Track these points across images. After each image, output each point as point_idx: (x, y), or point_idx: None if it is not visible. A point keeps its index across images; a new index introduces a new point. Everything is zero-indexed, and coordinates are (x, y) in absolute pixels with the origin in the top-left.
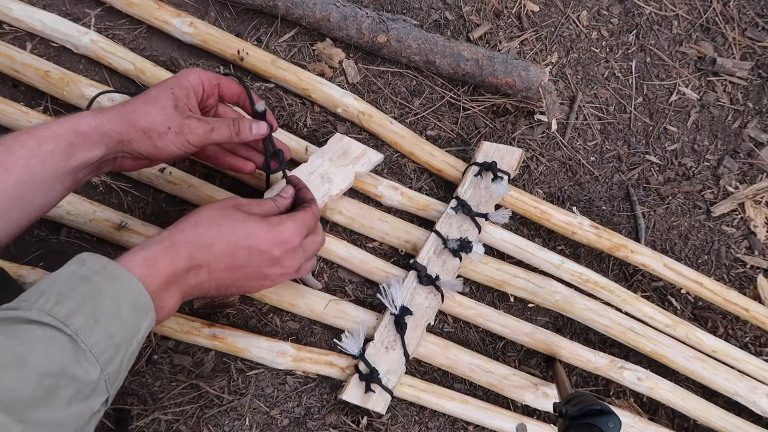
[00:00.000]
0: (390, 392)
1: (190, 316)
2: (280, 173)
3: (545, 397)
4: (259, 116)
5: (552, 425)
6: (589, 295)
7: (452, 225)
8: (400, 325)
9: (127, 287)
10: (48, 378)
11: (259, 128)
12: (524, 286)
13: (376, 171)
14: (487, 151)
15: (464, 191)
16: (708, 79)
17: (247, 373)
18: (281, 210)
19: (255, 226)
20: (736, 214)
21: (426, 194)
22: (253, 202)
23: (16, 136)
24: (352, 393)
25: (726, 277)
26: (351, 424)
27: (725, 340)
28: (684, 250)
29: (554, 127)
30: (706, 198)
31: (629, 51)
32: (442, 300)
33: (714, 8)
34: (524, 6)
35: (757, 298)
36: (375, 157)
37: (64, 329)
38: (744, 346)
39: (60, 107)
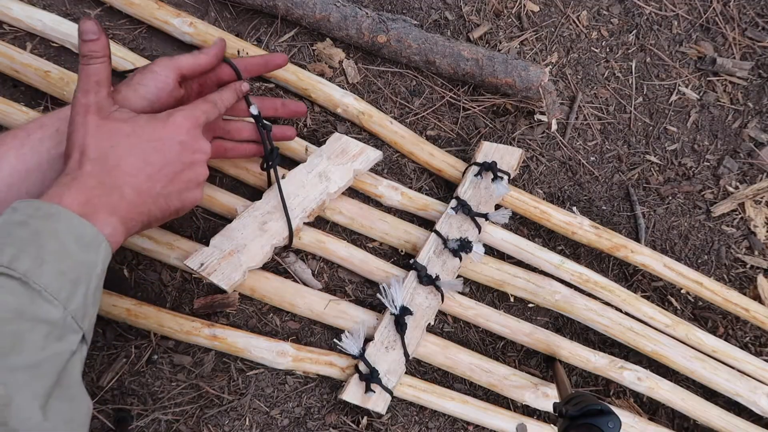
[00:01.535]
0: (390, 392)
1: (190, 316)
2: (281, 172)
3: (545, 397)
4: (255, 118)
5: (552, 425)
6: (589, 295)
7: (452, 225)
8: (400, 325)
9: (68, 224)
10: (8, 325)
11: (218, 44)
12: (524, 286)
13: (376, 171)
14: (487, 151)
15: (464, 191)
16: (708, 79)
17: (247, 373)
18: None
19: (147, 127)
20: (736, 214)
21: (426, 194)
22: (108, 91)
23: (8, 131)
24: (352, 393)
25: (726, 277)
26: (351, 424)
27: (725, 340)
28: (684, 250)
29: (554, 127)
30: (706, 198)
31: (629, 51)
32: (442, 300)
33: (714, 8)
34: (524, 6)
35: (757, 298)
36: (373, 154)
37: (11, 273)
38: (744, 346)
39: (60, 107)
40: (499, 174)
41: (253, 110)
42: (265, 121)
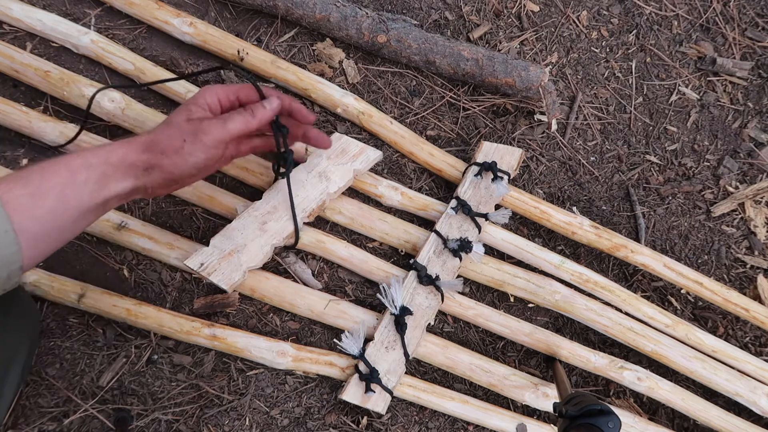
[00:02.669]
0: (390, 392)
1: (190, 316)
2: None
3: (545, 397)
4: (272, 124)
5: (552, 425)
6: (589, 295)
7: (452, 225)
8: (400, 325)
9: None
10: None
11: (271, 103)
12: (524, 286)
13: (376, 171)
14: (487, 151)
15: (464, 191)
16: (708, 79)
17: (247, 373)
18: None
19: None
20: (736, 214)
21: (426, 194)
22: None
23: (53, 162)
24: (352, 393)
25: (726, 277)
26: (351, 424)
27: (725, 340)
28: (684, 250)
29: (554, 127)
30: (706, 198)
31: (629, 51)
32: (442, 300)
33: (714, 8)
34: (524, 6)
35: (757, 298)
36: (373, 154)
37: None
38: (744, 346)
39: (60, 107)
40: (499, 174)
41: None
42: (282, 124)
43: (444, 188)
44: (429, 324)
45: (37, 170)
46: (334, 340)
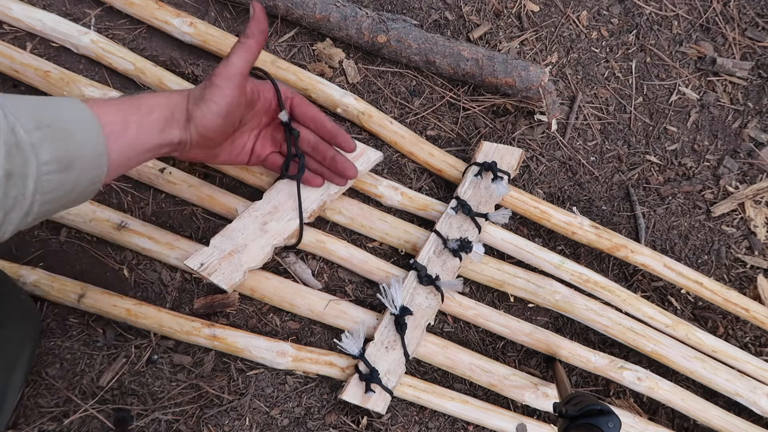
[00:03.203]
0: (390, 392)
1: (190, 316)
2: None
3: (545, 397)
4: (284, 125)
5: (552, 425)
6: (589, 295)
7: (452, 225)
8: (400, 325)
9: None
10: None
11: (252, 12)
12: (524, 286)
13: (376, 171)
14: (487, 151)
15: (464, 191)
16: (708, 79)
17: (247, 373)
18: None
19: None
20: (736, 214)
21: (426, 194)
22: None
23: (137, 97)
24: (352, 393)
25: (726, 277)
26: (351, 424)
27: (725, 340)
28: (684, 250)
29: (554, 127)
30: (706, 198)
31: (629, 51)
32: (442, 300)
33: (714, 8)
34: (524, 6)
35: (757, 298)
36: (374, 155)
37: None
38: (744, 346)
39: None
40: (499, 174)
41: (283, 117)
42: (294, 128)
43: (444, 188)
44: (429, 324)
45: (126, 101)
46: (334, 340)
